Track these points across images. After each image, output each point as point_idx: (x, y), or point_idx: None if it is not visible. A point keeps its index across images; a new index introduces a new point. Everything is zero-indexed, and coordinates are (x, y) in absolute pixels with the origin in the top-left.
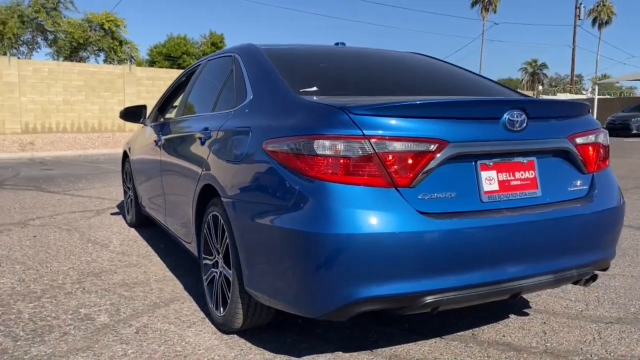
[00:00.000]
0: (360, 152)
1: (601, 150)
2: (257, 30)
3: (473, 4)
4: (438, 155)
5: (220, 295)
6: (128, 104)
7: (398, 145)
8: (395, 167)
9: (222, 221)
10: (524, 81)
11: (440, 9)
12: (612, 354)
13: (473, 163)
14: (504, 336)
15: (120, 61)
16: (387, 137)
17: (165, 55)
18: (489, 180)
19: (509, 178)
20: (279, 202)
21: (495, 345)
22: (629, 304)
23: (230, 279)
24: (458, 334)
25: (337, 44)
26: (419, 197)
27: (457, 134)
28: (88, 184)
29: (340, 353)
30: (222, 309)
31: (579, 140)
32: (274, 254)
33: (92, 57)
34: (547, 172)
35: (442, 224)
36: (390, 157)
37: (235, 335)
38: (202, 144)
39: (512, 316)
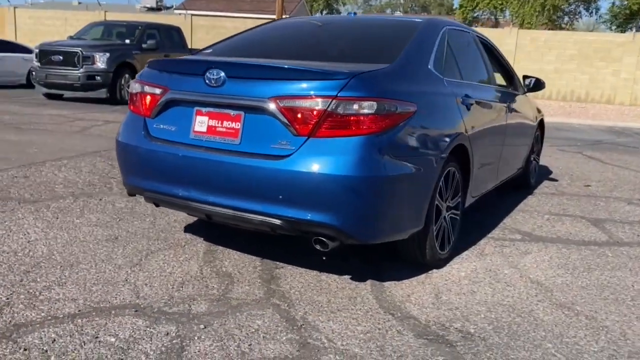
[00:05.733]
0: (138, 90)
1: (316, 117)
2: None
3: None
4: (162, 97)
5: None
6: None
7: (146, 88)
8: (144, 102)
9: None
10: None
11: None
12: None
13: (192, 108)
14: None
15: None
16: (144, 82)
17: None
18: (201, 123)
19: (216, 125)
20: None
21: None
22: None
23: None
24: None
25: (349, 14)
26: (154, 125)
27: (176, 84)
28: None
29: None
30: None
31: (282, 103)
32: None
33: None
34: (253, 127)
35: (160, 147)
36: (144, 95)
37: None
38: None
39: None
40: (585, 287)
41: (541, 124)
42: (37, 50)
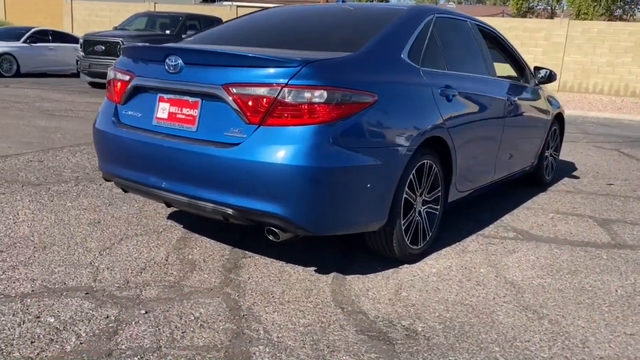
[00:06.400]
0: (111, 77)
1: (266, 105)
2: None
3: None
4: (130, 84)
5: None
6: None
7: (118, 75)
8: (116, 89)
9: None
10: None
11: None
12: None
13: (156, 95)
14: None
15: None
16: (116, 69)
17: None
18: (163, 110)
19: (176, 111)
20: None
21: None
22: None
23: None
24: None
25: (337, 1)
26: (124, 112)
27: (141, 70)
28: None
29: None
30: None
31: (234, 90)
32: None
33: None
34: (210, 114)
35: (126, 133)
36: (115, 82)
37: None
38: None
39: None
40: (561, 290)
41: (559, 118)
42: (81, 40)
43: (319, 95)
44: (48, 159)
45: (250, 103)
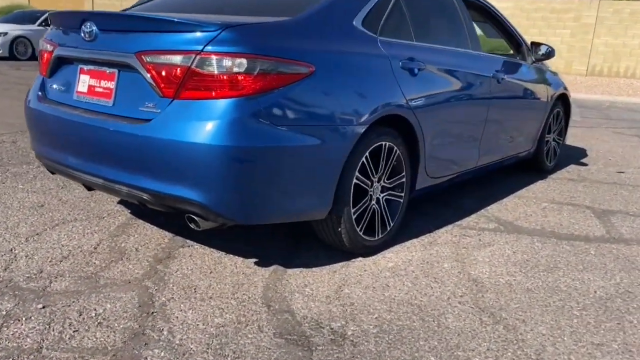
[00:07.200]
0: (41, 48)
1: (180, 75)
2: None
3: None
4: (52, 55)
5: None
6: None
7: (46, 45)
8: (43, 60)
9: None
10: None
11: None
12: None
13: (77, 66)
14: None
15: None
16: (45, 39)
17: None
18: (83, 83)
19: (95, 84)
20: None
21: None
22: None
23: None
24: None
25: None
26: (49, 86)
27: (62, 39)
28: None
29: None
30: None
31: (148, 59)
32: None
33: None
34: (126, 86)
35: (49, 109)
36: (43, 53)
37: None
38: None
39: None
40: (530, 290)
41: (563, 99)
42: None
43: (239, 64)
44: (22, 140)
45: (163, 73)
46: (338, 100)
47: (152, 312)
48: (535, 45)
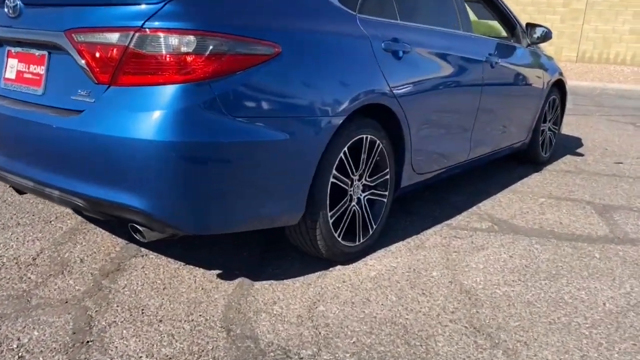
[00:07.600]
0: None
1: (117, 56)
2: None
3: None
4: None
5: None
6: None
7: None
8: None
9: None
10: None
11: None
12: None
13: (5, 49)
14: None
15: None
16: None
17: None
18: (11, 68)
19: (24, 69)
20: None
21: None
22: None
23: None
24: None
25: None
26: None
27: None
28: None
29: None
30: None
31: (79, 38)
32: None
33: None
34: (58, 71)
35: None
36: None
37: None
38: None
39: None
40: (532, 303)
41: (559, 86)
42: None
43: (187, 43)
44: None
45: (97, 55)
46: (309, 87)
47: (88, 342)
48: (531, 26)
